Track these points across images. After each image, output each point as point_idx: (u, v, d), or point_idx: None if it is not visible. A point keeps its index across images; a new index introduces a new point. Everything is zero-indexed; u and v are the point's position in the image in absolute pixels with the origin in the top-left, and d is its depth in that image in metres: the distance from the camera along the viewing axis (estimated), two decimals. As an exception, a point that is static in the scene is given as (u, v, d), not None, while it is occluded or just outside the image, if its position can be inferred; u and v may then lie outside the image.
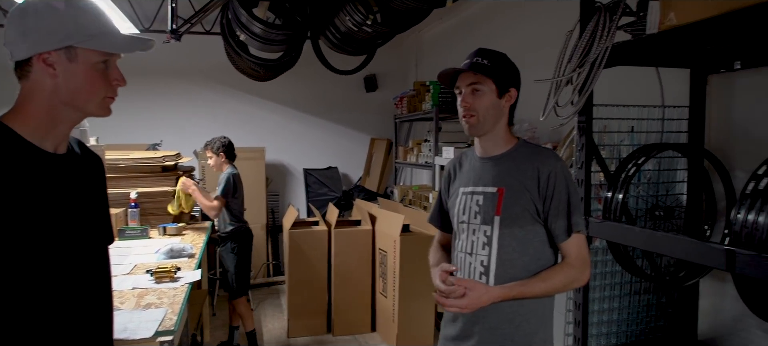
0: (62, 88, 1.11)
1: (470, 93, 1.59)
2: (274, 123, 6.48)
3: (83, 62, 1.11)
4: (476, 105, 1.58)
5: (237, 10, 4.30)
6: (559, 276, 1.56)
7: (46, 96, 1.11)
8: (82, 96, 1.13)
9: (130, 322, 1.99)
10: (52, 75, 1.10)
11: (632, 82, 2.42)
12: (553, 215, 1.55)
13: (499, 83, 1.59)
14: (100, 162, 1.35)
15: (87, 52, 1.11)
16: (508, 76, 1.61)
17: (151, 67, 5.63)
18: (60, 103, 1.12)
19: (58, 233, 1.13)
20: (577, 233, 1.56)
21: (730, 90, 2.22)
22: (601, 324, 2.33)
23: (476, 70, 1.57)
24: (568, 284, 1.59)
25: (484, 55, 1.59)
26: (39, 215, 1.09)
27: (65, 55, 1.10)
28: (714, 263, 1.51)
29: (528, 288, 1.54)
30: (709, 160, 2.18)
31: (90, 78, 1.12)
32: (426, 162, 5.04)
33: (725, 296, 2.23)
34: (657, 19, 1.64)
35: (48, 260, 1.12)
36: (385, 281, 4.37)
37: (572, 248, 1.57)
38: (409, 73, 6.56)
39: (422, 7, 3.66)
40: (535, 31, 3.80)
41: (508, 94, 1.61)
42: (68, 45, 1.09)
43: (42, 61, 1.09)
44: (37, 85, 1.11)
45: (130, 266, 2.85)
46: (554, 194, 1.54)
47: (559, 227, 1.55)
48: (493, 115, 1.60)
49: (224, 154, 4.09)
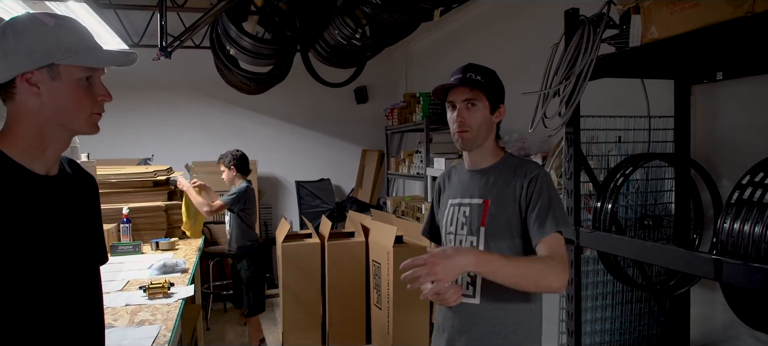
0: (47, 106, 1.10)
1: (465, 108, 1.61)
2: (265, 136, 6.49)
3: (66, 79, 1.11)
4: (470, 120, 1.60)
5: (226, 25, 4.32)
6: (539, 263, 1.47)
7: (32, 116, 1.11)
8: (67, 113, 1.12)
9: (123, 339, 1.98)
10: (36, 94, 1.09)
11: (619, 94, 2.46)
12: (532, 216, 1.54)
13: (491, 99, 1.62)
14: (94, 182, 1.35)
15: (69, 68, 1.11)
16: (498, 92, 1.65)
17: (142, 81, 5.63)
18: (47, 122, 1.12)
19: (49, 255, 1.13)
20: (557, 233, 1.51)
21: (713, 100, 2.26)
22: (594, 333, 2.35)
23: (472, 86, 1.59)
24: (547, 274, 1.45)
25: (477, 71, 1.61)
26: (29, 238, 1.09)
27: (48, 74, 1.09)
28: (702, 272, 1.53)
29: (506, 264, 1.44)
30: (696, 169, 2.21)
31: (74, 95, 1.12)
32: (417, 173, 5.06)
33: (716, 304, 2.25)
34: (639, 32, 1.68)
35: (39, 283, 1.11)
36: (379, 293, 4.37)
37: (550, 246, 1.50)
38: (399, 84, 6.60)
39: (410, 21, 3.70)
40: (522, 43, 3.85)
41: (498, 110, 1.64)
42: (50, 63, 1.09)
43: (25, 82, 1.09)
44: (23, 106, 1.10)
45: (122, 282, 2.83)
46: (533, 197, 1.55)
47: (537, 226, 1.52)
48: (485, 130, 1.63)
49: (235, 168, 4.09)
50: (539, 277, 1.45)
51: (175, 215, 4.12)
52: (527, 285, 1.48)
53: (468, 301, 1.63)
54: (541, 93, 2.04)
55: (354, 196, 6.63)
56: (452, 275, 1.42)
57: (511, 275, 1.43)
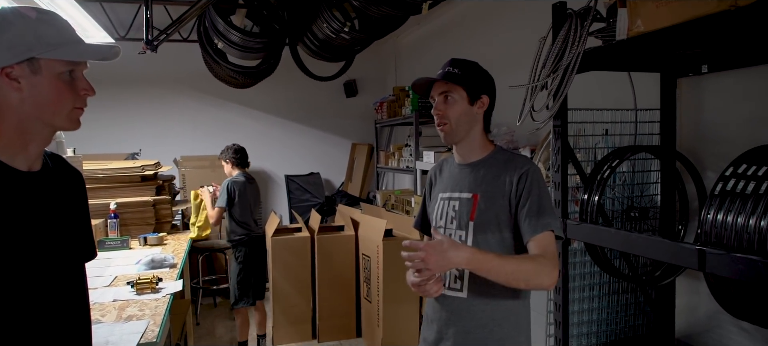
0: (28, 101, 1.09)
1: (442, 101, 1.63)
2: (254, 130, 6.46)
3: (48, 73, 1.09)
4: (448, 113, 1.62)
5: (214, 18, 4.29)
6: (531, 262, 1.50)
7: (13, 112, 1.09)
8: (49, 108, 1.11)
9: (111, 335, 1.97)
10: (17, 89, 1.08)
11: (606, 87, 2.47)
12: (522, 214, 1.55)
13: (469, 91, 1.62)
14: (80, 177, 1.33)
15: (50, 62, 1.09)
16: (479, 83, 1.64)
17: (129, 75, 5.58)
18: (28, 117, 1.10)
19: (32, 252, 1.11)
20: (548, 232, 1.54)
21: (699, 93, 2.29)
22: (582, 324, 2.37)
23: (447, 80, 1.61)
24: (538, 273, 1.48)
25: (455, 64, 1.63)
26: (12, 235, 1.07)
27: (28, 68, 1.07)
28: (686, 262, 1.55)
29: (498, 264, 1.46)
30: (681, 161, 2.24)
31: (56, 89, 1.10)
32: (407, 166, 5.07)
33: (701, 294, 2.29)
34: (625, 25, 1.69)
35: (23, 280, 1.10)
36: (369, 286, 4.38)
37: (540, 245, 1.52)
38: (389, 78, 6.59)
39: (399, 14, 3.69)
40: (510, 37, 3.86)
41: (480, 101, 1.64)
42: (30, 57, 1.07)
43: (5, 76, 1.07)
44: (3, 101, 1.09)
45: (110, 277, 2.81)
46: (523, 194, 1.56)
47: (528, 225, 1.54)
48: (465, 122, 1.63)
49: (231, 162, 4.18)
50: (530, 276, 1.48)
51: (163, 210, 4.10)
52: (518, 283, 1.51)
53: (455, 295, 1.63)
54: (529, 86, 2.05)
55: (344, 190, 6.63)
56: (443, 269, 1.46)
57: (502, 274, 1.47)
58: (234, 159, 4.19)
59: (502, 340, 1.61)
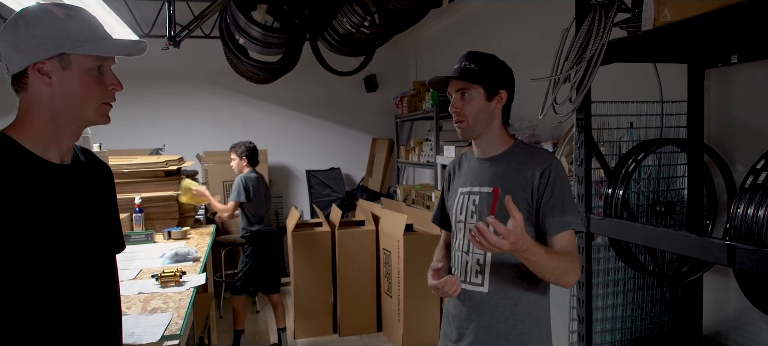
0: (58, 96, 1.12)
1: (459, 98, 1.61)
2: (275, 125, 6.50)
3: (77, 68, 1.12)
4: (465, 110, 1.60)
5: (235, 14, 4.32)
6: (565, 260, 1.50)
7: (44, 106, 1.12)
8: (78, 102, 1.14)
9: (136, 327, 2.01)
10: (48, 84, 1.11)
11: (630, 79, 2.42)
12: (546, 210, 1.54)
13: (487, 87, 1.59)
14: (108, 170, 1.36)
15: (80, 57, 1.12)
16: (497, 78, 1.61)
17: (152, 72, 5.66)
18: (59, 111, 1.13)
19: (64, 243, 1.14)
20: (571, 230, 1.54)
21: (728, 84, 2.23)
22: (606, 320, 2.33)
23: (463, 77, 1.59)
24: (567, 271, 1.50)
25: (472, 59, 1.60)
26: (44, 226, 1.10)
27: (59, 63, 1.11)
28: (715, 258, 1.51)
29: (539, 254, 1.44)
30: (709, 154, 2.18)
31: (85, 84, 1.14)
32: (427, 161, 5.05)
33: (729, 290, 2.23)
34: (652, 15, 1.65)
35: (55, 270, 1.13)
36: (389, 281, 4.38)
37: (562, 243, 1.53)
38: (409, 72, 6.57)
39: (419, 8, 3.67)
40: (532, 29, 3.81)
41: (497, 96, 1.61)
42: (61, 52, 1.11)
43: (37, 71, 1.10)
44: (35, 95, 1.12)
45: (135, 270, 2.87)
46: (547, 190, 1.54)
47: (552, 222, 1.53)
48: (483, 118, 1.61)
49: (247, 159, 4.24)
50: (561, 273, 1.51)
51: (186, 204, 4.16)
52: (549, 277, 1.54)
53: (476, 289, 1.63)
54: (552, 79, 2.01)
55: (364, 185, 6.64)
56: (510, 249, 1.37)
57: (543, 267, 1.47)
58: (248, 156, 4.25)
59: (524, 334, 1.60)
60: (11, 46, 1.10)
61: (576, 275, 1.53)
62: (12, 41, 1.10)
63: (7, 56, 1.11)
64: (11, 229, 1.05)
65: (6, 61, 1.11)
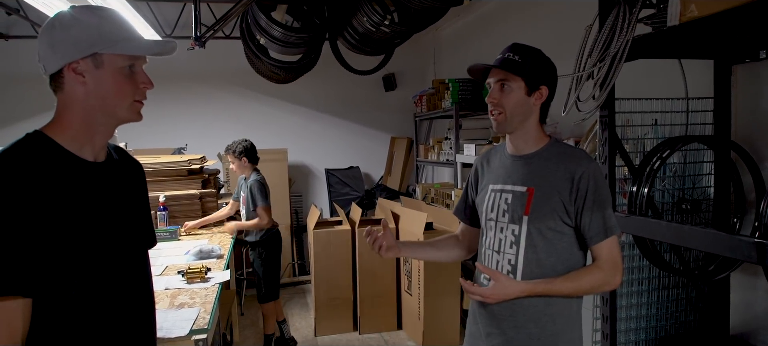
0: (92, 94, 1.16)
1: (498, 89, 1.57)
2: (295, 124, 6.55)
3: (109, 67, 1.16)
4: (503, 102, 1.56)
5: (256, 14, 4.37)
6: (587, 278, 1.52)
7: (79, 104, 1.16)
8: (111, 100, 1.18)
9: (164, 321, 2.05)
10: (82, 83, 1.15)
11: (655, 75, 2.40)
12: (586, 217, 1.51)
13: (528, 81, 1.55)
14: (140, 167, 1.41)
15: (112, 57, 1.16)
16: (539, 73, 1.57)
17: (174, 72, 5.73)
18: (93, 110, 1.17)
19: (99, 238, 1.18)
20: (613, 237, 1.53)
21: (756, 80, 2.19)
22: (630, 319, 2.31)
23: (505, 67, 1.54)
24: (597, 286, 1.55)
25: (516, 50, 1.56)
26: (80, 222, 1.14)
27: (92, 63, 1.15)
28: (744, 256, 1.49)
29: (554, 286, 1.51)
30: (737, 151, 2.15)
31: (117, 82, 1.17)
32: (447, 160, 5.04)
33: (757, 289, 2.20)
34: (678, 11, 1.63)
35: (91, 265, 1.16)
36: (410, 279, 4.39)
37: (604, 251, 1.53)
38: (428, 71, 6.56)
39: (439, 6, 3.67)
40: (553, 26, 3.78)
41: (538, 92, 1.57)
42: (94, 52, 1.14)
43: (72, 71, 1.14)
44: (71, 95, 1.16)
45: (161, 267, 2.92)
46: (587, 196, 1.51)
47: (593, 229, 1.51)
48: (520, 113, 1.56)
49: (247, 159, 4.04)
50: (590, 289, 1.59)
51: (209, 203, 4.21)
52: (587, 293, 1.62)
53: None
54: (575, 76, 2.00)
55: (383, 183, 6.65)
56: (500, 298, 1.55)
57: (571, 292, 1.56)
58: (248, 155, 4.02)
59: (555, 335, 1.56)
60: (48, 47, 1.14)
61: (613, 282, 1.56)
62: (48, 42, 1.14)
63: (44, 57, 1.15)
64: (49, 225, 1.08)
65: (43, 62, 1.16)
